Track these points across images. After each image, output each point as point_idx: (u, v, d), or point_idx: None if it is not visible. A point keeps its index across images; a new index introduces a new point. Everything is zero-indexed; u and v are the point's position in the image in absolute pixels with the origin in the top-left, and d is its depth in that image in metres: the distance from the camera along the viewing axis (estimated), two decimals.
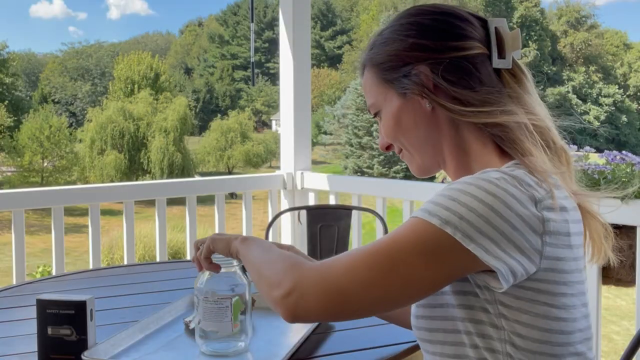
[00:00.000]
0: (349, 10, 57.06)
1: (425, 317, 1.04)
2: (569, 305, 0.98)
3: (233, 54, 54.82)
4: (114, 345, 1.35)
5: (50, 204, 3.13)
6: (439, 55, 1.07)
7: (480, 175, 0.96)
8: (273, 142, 36.25)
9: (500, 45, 1.08)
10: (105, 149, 30.95)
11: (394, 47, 1.11)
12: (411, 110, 1.10)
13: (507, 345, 0.96)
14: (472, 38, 1.08)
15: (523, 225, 0.92)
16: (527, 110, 1.06)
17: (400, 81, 1.10)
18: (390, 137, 1.15)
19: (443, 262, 0.91)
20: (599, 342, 2.49)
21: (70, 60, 52.18)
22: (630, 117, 48.22)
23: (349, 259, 0.94)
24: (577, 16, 53.24)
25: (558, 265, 0.96)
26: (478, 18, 1.11)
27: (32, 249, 17.72)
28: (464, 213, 0.91)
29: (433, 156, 1.13)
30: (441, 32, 1.08)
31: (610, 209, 2.35)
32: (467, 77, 1.06)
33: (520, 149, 1.02)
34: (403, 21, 1.13)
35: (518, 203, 0.93)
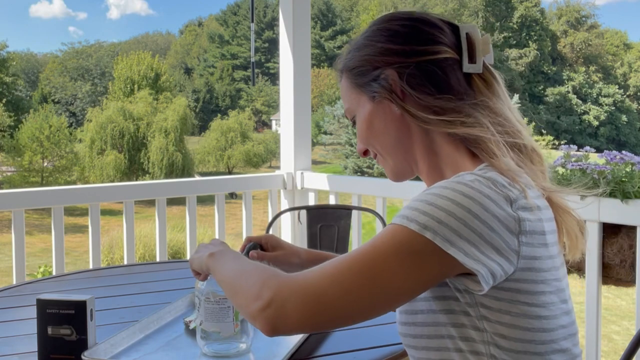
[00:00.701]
0: (349, 10, 57.07)
1: (408, 323, 1.05)
2: (549, 303, 0.98)
3: (233, 53, 54.83)
4: (114, 345, 1.35)
5: (50, 204, 3.13)
6: (407, 60, 1.08)
7: (455, 178, 0.97)
8: (273, 142, 36.25)
9: (471, 50, 1.10)
10: (105, 149, 30.94)
11: (365, 52, 1.13)
12: (382, 114, 1.11)
13: (491, 347, 0.97)
14: (441, 43, 1.09)
15: (500, 226, 0.93)
16: (496, 114, 1.07)
17: (370, 85, 1.12)
18: (364, 142, 1.17)
19: (423, 267, 0.92)
20: (599, 342, 2.49)
21: (70, 60, 52.18)
22: (630, 117, 48.23)
23: (328, 268, 0.94)
24: (577, 16, 53.26)
25: (535, 264, 0.97)
26: (450, 24, 1.13)
27: (32, 249, 17.72)
28: (442, 217, 0.91)
29: (405, 160, 1.14)
30: (410, 37, 1.10)
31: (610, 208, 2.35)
32: (433, 81, 1.07)
33: (487, 152, 1.03)
34: (375, 27, 1.15)
35: (494, 204, 0.93)
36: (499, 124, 1.06)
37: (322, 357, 1.37)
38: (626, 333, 9.56)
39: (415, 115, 1.07)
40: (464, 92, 1.08)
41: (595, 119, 47.03)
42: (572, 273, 2.68)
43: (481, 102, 1.07)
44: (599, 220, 2.40)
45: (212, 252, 1.17)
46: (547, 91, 48.85)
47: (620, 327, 10.01)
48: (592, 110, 47.39)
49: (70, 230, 17.57)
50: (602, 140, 45.75)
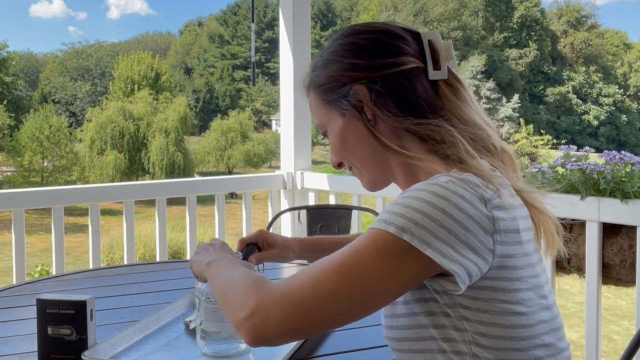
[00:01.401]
0: (349, 10, 57.08)
1: (392, 327, 1.06)
2: (526, 299, 1.00)
3: (233, 53, 54.83)
4: (114, 345, 1.35)
5: (50, 204, 3.13)
6: (374, 74, 1.10)
7: (430, 180, 0.99)
8: (273, 142, 36.25)
9: (435, 57, 1.11)
10: (105, 149, 30.94)
11: (332, 69, 1.14)
12: (353, 129, 1.12)
13: (473, 346, 0.98)
14: (406, 53, 1.11)
15: (475, 225, 0.94)
16: (464, 119, 1.09)
17: (340, 102, 1.13)
18: (338, 156, 1.18)
19: (402, 268, 0.93)
20: (599, 342, 2.49)
21: (70, 60, 52.19)
22: (630, 117, 48.23)
23: (309, 274, 0.94)
24: (577, 16, 53.26)
25: (509, 262, 0.98)
26: (411, 33, 1.14)
27: (32, 249, 17.72)
28: (418, 219, 0.93)
29: (381, 171, 1.15)
30: (374, 50, 1.12)
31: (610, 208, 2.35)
32: (402, 93, 1.09)
33: (459, 157, 1.05)
34: (339, 42, 1.16)
35: (468, 204, 0.95)
36: (467, 129, 1.08)
37: (322, 357, 1.37)
38: (626, 333, 9.57)
39: (385, 130, 1.09)
40: (432, 100, 1.10)
41: (595, 119, 47.04)
42: (572, 273, 2.68)
43: (449, 109, 1.09)
44: (599, 220, 2.40)
45: (209, 261, 1.18)
46: (547, 91, 48.85)
47: (620, 327, 10.01)
48: (592, 110, 47.40)
49: (70, 230, 17.57)
50: (602, 140, 45.76)
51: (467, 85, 1.15)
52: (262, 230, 1.50)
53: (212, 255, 1.20)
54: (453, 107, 1.10)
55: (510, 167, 1.10)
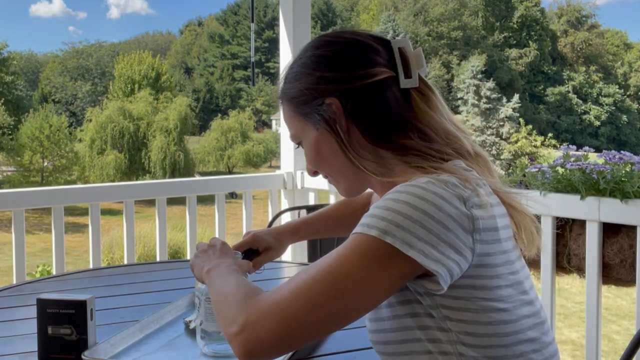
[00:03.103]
0: (349, 10, 57.07)
1: (376, 331, 1.07)
2: (506, 296, 1.01)
3: (233, 53, 54.83)
4: (114, 345, 1.35)
5: (50, 204, 3.13)
6: (346, 86, 1.10)
7: (410, 182, 1.00)
8: (273, 142, 36.25)
9: (406, 65, 1.11)
10: (105, 148, 30.94)
11: (303, 82, 1.14)
12: (327, 141, 1.13)
13: (458, 345, 0.99)
14: (377, 63, 1.11)
15: (455, 225, 0.95)
16: (435, 127, 1.10)
17: (312, 115, 1.13)
18: (314, 166, 1.19)
19: (387, 271, 0.93)
20: (599, 342, 2.49)
21: (71, 59, 52.20)
22: (630, 117, 48.24)
23: (295, 285, 0.95)
24: (577, 16, 53.26)
25: (488, 260, 0.99)
26: (381, 41, 1.14)
27: (32, 249, 17.72)
28: (399, 221, 0.94)
29: (357, 180, 1.16)
30: (344, 63, 1.12)
31: (610, 208, 2.35)
32: (373, 105, 1.09)
33: (430, 165, 1.06)
34: (309, 54, 1.16)
35: (448, 204, 0.96)
36: (439, 137, 1.09)
37: (322, 357, 1.37)
38: (626, 333, 9.57)
39: (358, 142, 1.10)
40: (404, 110, 1.10)
41: (595, 119, 47.04)
42: (572, 273, 2.68)
43: (420, 118, 1.10)
44: (599, 220, 2.40)
45: (209, 268, 1.17)
46: (547, 91, 48.84)
47: (620, 327, 10.01)
48: (593, 110, 47.41)
49: (70, 230, 17.58)
50: (603, 140, 45.77)
51: (438, 92, 1.15)
52: (254, 233, 1.50)
53: (212, 260, 1.20)
54: (424, 116, 1.10)
55: (486, 170, 1.11)
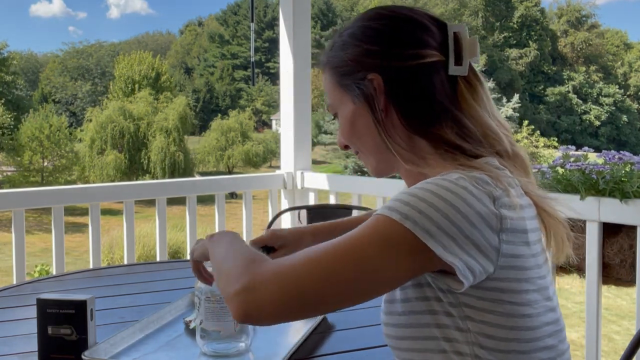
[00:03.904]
0: (349, 10, 57.06)
1: (392, 324, 1.05)
2: (532, 301, 0.98)
3: (233, 53, 54.82)
4: (114, 345, 1.35)
5: (50, 204, 3.13)
6: (391, 63, 1.07)
7: (441, 175, 0.98)
8: (273, 142, 36.24)
9: (458, 51, 1.07)
10: (105, 148, 30.95)
11: (349, 53, 1.11)
12: (363, 116, 1.10)
13: (475, 347, 0.97)
14: (429, 46, 1.07)
15: (481, 222, 0.93)
16: (477, 121, 1.06)
17: (352, 88, 1.10)
18: (346, 140, 1.16)
19: (402, 256, 0.91)
20: (599, 342, 2.49)
21: (71, 59, 52.20)
22: (630, 117, 48.23)
23: (307, 255, 0.93)
24: (577, 16, 53.26)
25: (517, 262, 0.96)
26: (437, 22, 1.10)
27: (32, 249, 17.72)
28: (423, 208, 0.91)
29: (387, 160, 1.13)
30: (395, 38, 1.08)
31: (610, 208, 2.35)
32: (417, 87, 1.06)
33: (465, 157, 1.03)
34: (360, 24, 1.12)
35: (476, 200, 0.93)
36: (478, 131, 1.06)
37: (322, 357, 1.37)
38: (626, 333, 9.56)
39: (394, 124, 1.07)
40: (448, 97, 1.06)
41: (595, 119, 47.04)
42: (572, 273, 2.68)
43: (463, 108, 1.07)
44: (599, 220, 2.40)
45: (213, 234, 1.18)
46: (548, 91, 48.83)
47: (620, 327, 10.01)
48: (593, 110, 47.41)
49: (70, 230, 17.57)
50: (603, 140, 45.76)
51: (486, 84, 1.11)
52: (274, 230, 1.49)
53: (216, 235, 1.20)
54: (468, 107, 1.07)
55: (522, 172, 1.08)
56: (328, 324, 1.54)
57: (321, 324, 1.52)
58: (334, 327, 1.53)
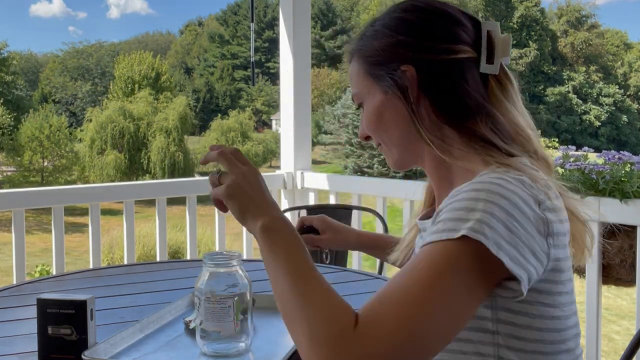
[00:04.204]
0: (349, 10, 57.07)
1: None
2: (563, 303, 0.97)
3: (233, 53, 54.83)
4: (114, 345, 1.35)
5: (50, 204, 3.13)
6: (425, 57, 1.06)
7: (483, 179, 0.94)
8: (273, 142, 36.26)
9: (490, 50, 1.07)
10: (105, 148, 30.96)
11: (382, 43, 1.10)
12: (393, 108, 1.09)
13: (501, 349, 0.94)
14: (462, 41, 1.06)
15: (532, 228, 0.90)
16: (508, 120, 1.05)
17: (384, 78, 1.09)
18: (371, 131, 1.15)
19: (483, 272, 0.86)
20: (599, 342, 2.49)
21: (71, 59, 52.20)
22: (630, 117, 48.24)
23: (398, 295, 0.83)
24: (577, 16, 53.27)
25: (558, 265, 0.95)
26: (471, 19, 1.09)
27: (32, 249, 17.72)
28: (486, 219, 0.87)
29: (411, 154, 1.12)
30: (431, 32, 1.07)
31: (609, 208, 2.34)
32: (450, 82, 1.05)
33: (496, 155, 1.01)
34: (395, 15, 1.11)
35: (526, 206, 0.91)
36: (509, 130, 1.05)
37: None
38: (626, 333, 9.56)
39: (426, 118, 1.06)
40: (480, 94, 1.05)
41: (596, 119, 47.04)
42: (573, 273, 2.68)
43: (495, 106, 1.05)
44: (598, 220, 2.40)
45: (263, 223, 0.97)
46: (548, 91, 48.84)
47: (620, 327, 10.01)
48: (593, 110, 47.41)
49: (70, 230, 17.57)
50: (603, 140, 45.77)
51: (517, 84, 1.10)
52: (325, 216, 1.51)
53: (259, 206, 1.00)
54: (499, 105, 1.05)
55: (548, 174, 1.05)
56: None
57: None
58: None
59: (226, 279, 1.30)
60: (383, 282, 1.93)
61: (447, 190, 1.07)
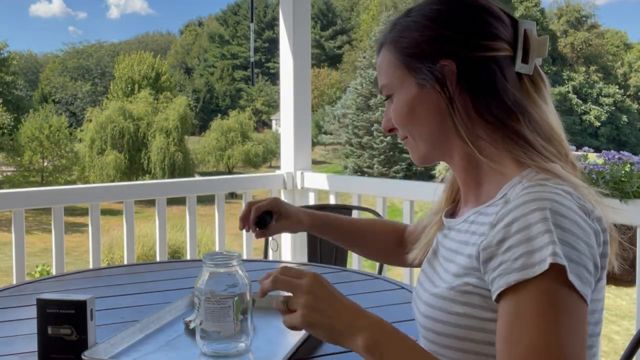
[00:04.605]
0: (349, 10, 57.06)
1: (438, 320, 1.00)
2: (595, 311, 0.97)
3: (233, 53, 54.83)
4: (114, 345, 1.35)
5: (50, 204, 3.13)
6: (467, 52, 1.04)
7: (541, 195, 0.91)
8: (273, 142, 36.25)
9: (526, 49, 1.05)
10: (105, 148, 30.97)
11: (422, 35, 1.06)
12: (427, 102, 1.06)
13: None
14: (502, 38, 1.05)
15: (590, 241, 0.90)
16: (541, 119, 1.04)
17: (422, 72, 1.06)
18: (399, 124, 1.12)
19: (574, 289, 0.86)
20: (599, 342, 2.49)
21: (71, 60, 52.21)
22: (630, 117, 48.23)
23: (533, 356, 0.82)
24: (577, 16, 53.26)
25: (603, 274, 0.96)
26: (509, 17, 1.08)
27: (32, 249, 17.72)
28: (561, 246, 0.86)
29: (440, 150, 1.10)
30: (474, 27, 1.05)
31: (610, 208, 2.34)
32: (492, 78, 1.03)
33: (533, 158, 1.00)
34: (435, 7, 1.08)
35: (581, 219, 0.90)
36: (543, 130, 1.03)
37: (322, 357, 1.37)
38: (626, 333, 9.56)
39: (463, 115, 1.04)
40: (517, 93, 1.04)
41: (595, 119, 47.04)
42: None
43: (530, 105, 1.04)
44: None
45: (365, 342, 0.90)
46: None
47: (620, 327, 10.01)
48: (593, 111, 47.40)
49: (70, 230, 17.57)
50: (603, 140, 45.76)
51: (549, 85, 1.09)
52: (276, 198, 1.52)
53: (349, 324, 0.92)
54: (534, 105, 1.04)
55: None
56: None
57: None
58: None
59: (226, 279, 1.30)
60: (383, 282, 1.94)
61: (474, 189, 1.08)
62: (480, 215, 1.03)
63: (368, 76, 31.40)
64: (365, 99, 31.47)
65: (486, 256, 0.93)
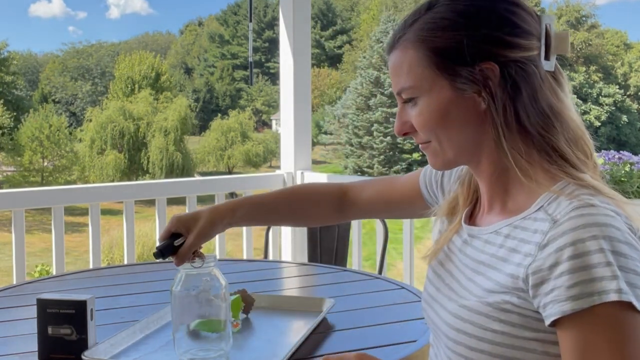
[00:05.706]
0: (350, 10, 57.06)
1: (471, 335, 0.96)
2: None
3: (233, 53, 54.83)
4: (114, 345, 1.35)
5: (50, 204, 3.13)
6: (510, 54, 0.96)
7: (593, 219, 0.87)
8: (273, 142, 36.25)
9: (548, 45, 0.98)
10: (105, 148, 30.97)
11: (460, 34, 0.97)
12: (463, 107, 0.98)
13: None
14: (535, 35, 0.98)
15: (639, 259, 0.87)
16: (569, 117, 0.98)
17: (459, 74, 0.97)
18: (426, 128, 1.01)
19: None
20: None
21: (71, 59, 52.20)
22: (630, 117, 48.24)
23: None
24: (577, 16, 53.26)
25: None
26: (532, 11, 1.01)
27: (32, 249, 17.72)
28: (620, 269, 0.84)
29: (468, 156, 1.03)
30: (512, 24, 0.97)
31: None
32: (532, 82, 0.96)
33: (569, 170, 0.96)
34: (468, 2, 0.98)
35: (634, 240, 0.88)
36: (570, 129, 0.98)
37: (322, 357, 1.37)
38: None
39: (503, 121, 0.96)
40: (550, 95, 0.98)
41: (596, 119, 47.06)
42: None
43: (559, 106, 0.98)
44: None
45: None
46: None
47: None
48: (593, 110, 47.40)
49: (70, 230, 17.57)
50: (603, 140, 45.76)
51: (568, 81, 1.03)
52: (176, 216, 1.28)
53: None
54: (561, 104, 0.98)
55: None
56: (328, 324, 1.53)
57: (321, 324, 1.52)
58: (333, 327, 1.53)
59: (201, 280, 1.27)
60: (383, 282, 1.94)
61: (501, 197, 1.03)
62: (517, 230, 0.96)
63: (368, 76, 31.39)
64: (365, 99, 31.45)
65: (537, 280, 0.89)
